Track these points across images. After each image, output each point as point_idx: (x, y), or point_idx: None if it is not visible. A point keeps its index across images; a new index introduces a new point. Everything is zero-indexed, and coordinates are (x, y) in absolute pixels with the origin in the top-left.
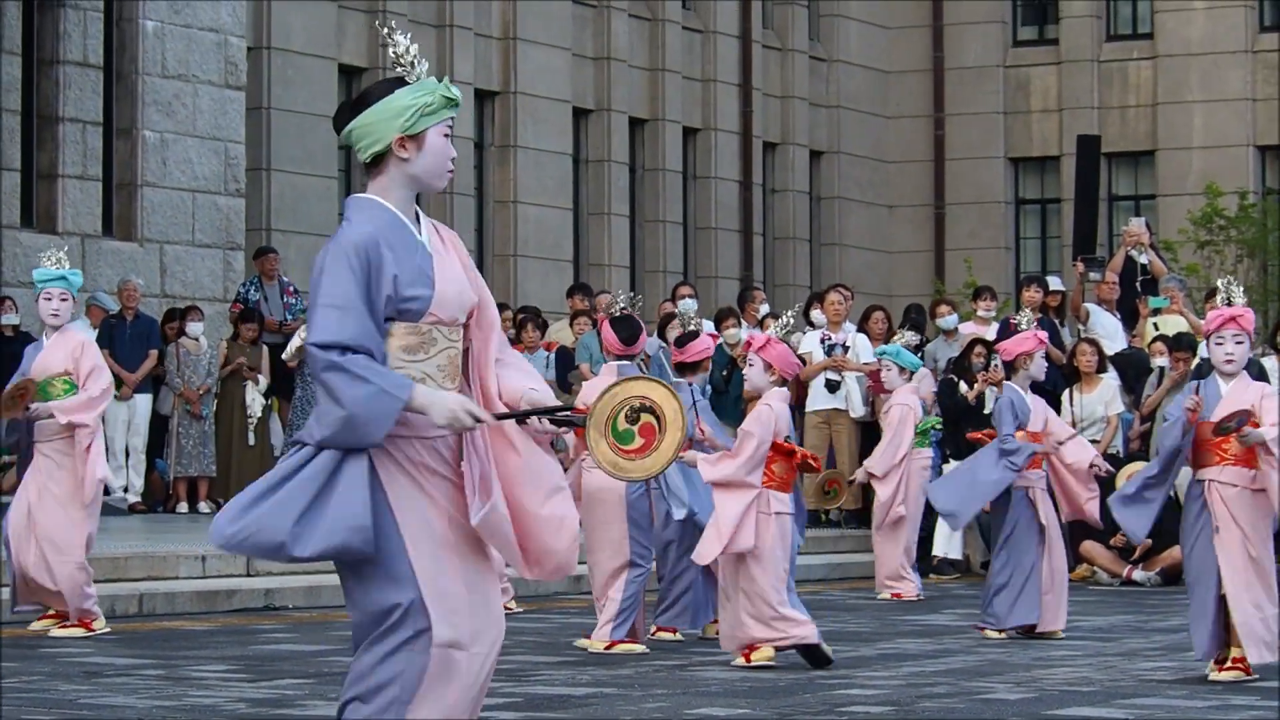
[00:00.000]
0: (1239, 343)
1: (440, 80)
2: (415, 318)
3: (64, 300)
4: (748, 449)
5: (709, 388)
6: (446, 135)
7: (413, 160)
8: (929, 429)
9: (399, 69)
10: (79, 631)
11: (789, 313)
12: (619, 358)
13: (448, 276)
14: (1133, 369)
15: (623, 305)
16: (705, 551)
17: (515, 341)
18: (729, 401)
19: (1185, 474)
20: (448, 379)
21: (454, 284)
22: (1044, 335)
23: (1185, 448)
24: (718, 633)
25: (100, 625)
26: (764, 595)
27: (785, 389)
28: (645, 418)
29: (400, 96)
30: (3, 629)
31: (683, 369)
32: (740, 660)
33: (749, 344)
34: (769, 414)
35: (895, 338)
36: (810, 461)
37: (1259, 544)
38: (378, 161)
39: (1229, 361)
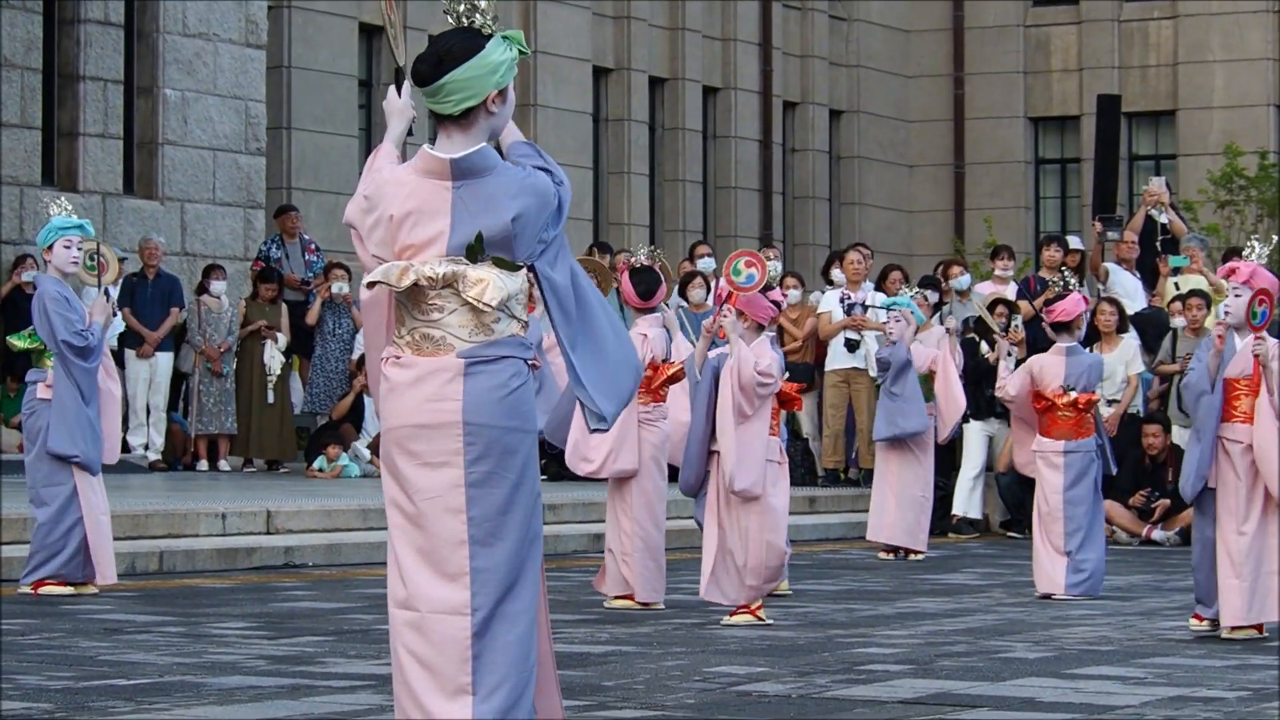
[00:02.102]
0: (1237, 295)
1: (511, 30)
2: None
3: (81, 248)
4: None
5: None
6: None
7: (498, 114)
8: None
9: (477, 21)
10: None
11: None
12: (640, 311)
13: None
14: (1152, 329)
15: (643, 258)
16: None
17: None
18: None
19: None
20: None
21: None
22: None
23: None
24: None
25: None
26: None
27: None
28: None
29: (493, 51)
30: (1, 587)
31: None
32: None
33: (718, 298)
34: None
35: (903, 291)
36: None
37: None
38: (467, 115)
39: (1226, 313)
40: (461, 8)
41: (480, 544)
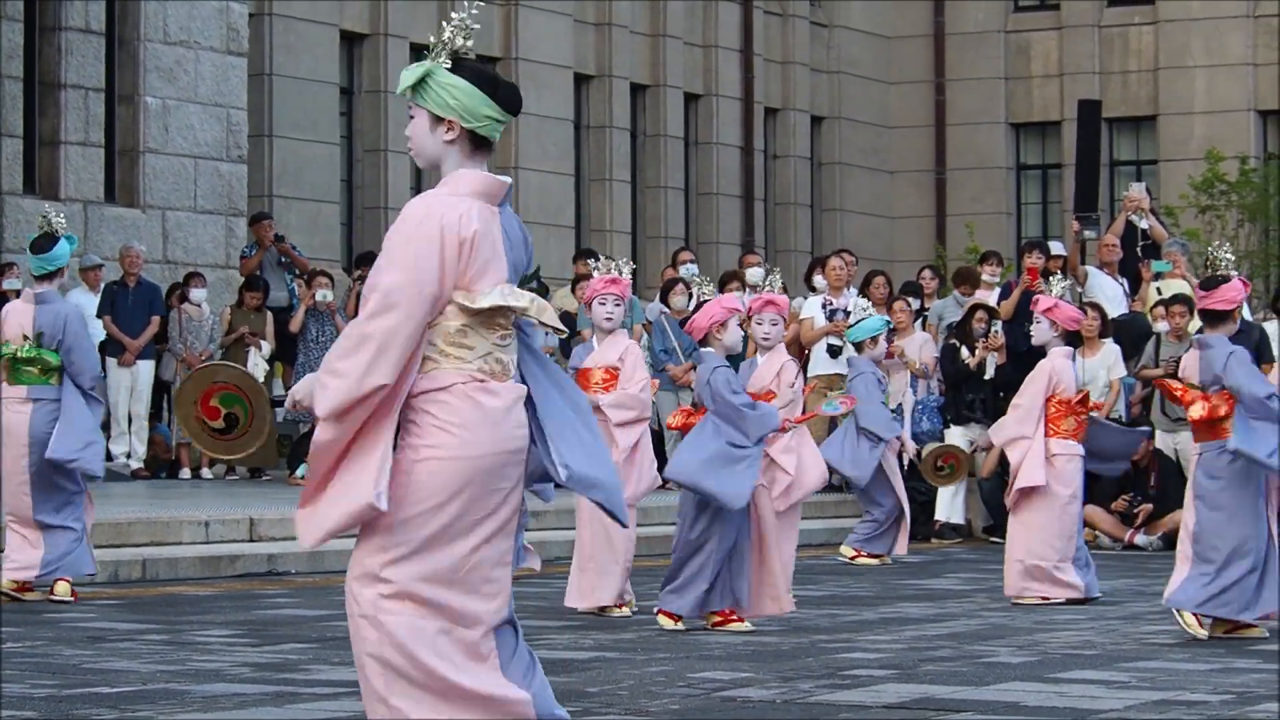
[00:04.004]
0: None
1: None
2: None
3: None
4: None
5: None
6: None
7: None
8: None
9: (463, 48)
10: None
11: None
12: None
13: None
14: (1131, 334)
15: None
16: None
17: None
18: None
19: (1188, 438)
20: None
21: None
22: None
23: None
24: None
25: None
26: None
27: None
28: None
29: None
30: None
31: None
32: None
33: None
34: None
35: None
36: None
37: None
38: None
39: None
40: (447, 35)
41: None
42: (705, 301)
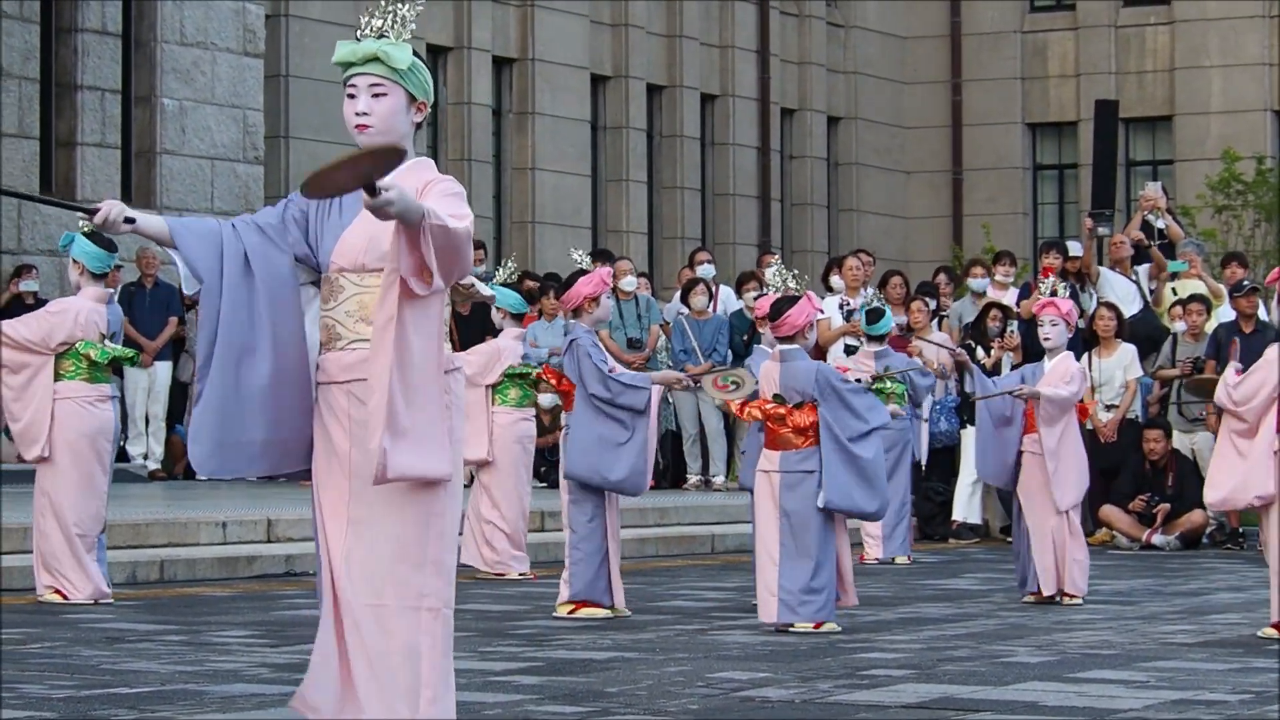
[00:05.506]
0: None
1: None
2: (323, 268)
3: None
4: None
5: (729, 352)
6: (350, 96)
7: None
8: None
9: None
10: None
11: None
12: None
13: (358, 228)
14: (1144, 333)
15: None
16: None
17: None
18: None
19: (1206, 439)
20: (359, 322)
21: (361, 234)
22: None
23: None
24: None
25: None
26: None
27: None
28: None
29: None
30: (2, 595)
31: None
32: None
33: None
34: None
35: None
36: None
37: None
38: None
39: None
40: (405, 12)
41: None
42: (791, 296)
